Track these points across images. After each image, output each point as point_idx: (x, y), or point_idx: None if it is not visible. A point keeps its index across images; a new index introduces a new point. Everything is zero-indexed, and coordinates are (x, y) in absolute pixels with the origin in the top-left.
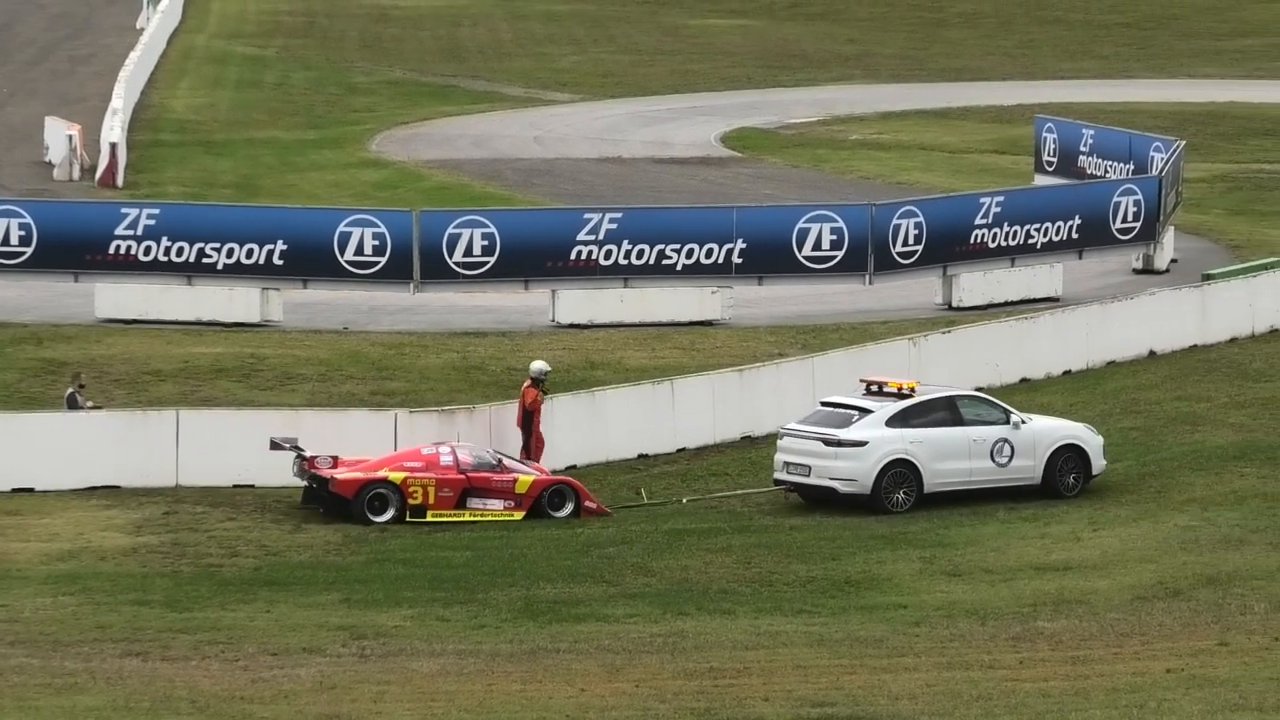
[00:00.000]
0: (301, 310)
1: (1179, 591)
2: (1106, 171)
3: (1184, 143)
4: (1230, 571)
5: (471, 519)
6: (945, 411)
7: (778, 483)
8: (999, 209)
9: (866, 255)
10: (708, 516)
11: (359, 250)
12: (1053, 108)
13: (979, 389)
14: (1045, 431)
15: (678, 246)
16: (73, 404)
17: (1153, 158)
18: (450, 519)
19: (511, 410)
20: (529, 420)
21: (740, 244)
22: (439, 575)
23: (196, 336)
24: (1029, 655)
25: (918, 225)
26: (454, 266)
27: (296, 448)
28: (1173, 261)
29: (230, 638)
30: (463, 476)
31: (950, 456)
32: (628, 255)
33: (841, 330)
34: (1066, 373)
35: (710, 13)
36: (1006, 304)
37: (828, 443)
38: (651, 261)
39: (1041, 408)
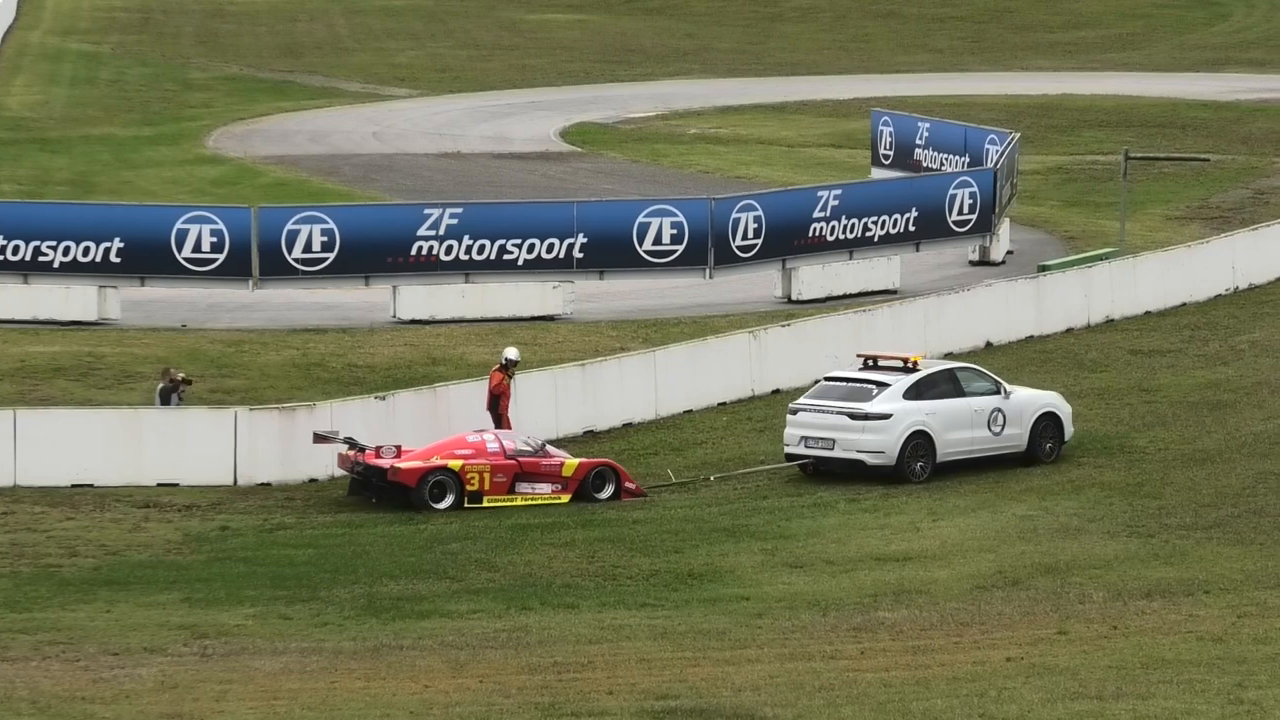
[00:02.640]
0: (139, 308)
1: (1018, 581)
2: (942, 164)
3: (1019, 135)
4: (1068, 560)
5: (523, 503)
6: (949, 383)
7: (791, 458)
8: (837, 202)
9: (706, 249)
10: (550, 512)
11: (197, 247)
12: (888, 101)
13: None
14: (1028, 400)
15: (518, 241)
16: (165, 398)
17: (988, 150)
18: (503, 504)
19: (351, 406)
20: (496, 404)
21: (581, 239)
22: (281, 573)
23: (33, 335)
24: (870, 645)
25: (757, 219)
26: (293, 263)
27: (349, 440)
28: (1009, 253)
29: (70, 638)
30: (514, 462)
31: (957, 427)
32: (468, 250)
33: (682, 324)
34: None
35: (548, 7)
36: (845, 296)
37: (854, 416)
38: (492, 257)
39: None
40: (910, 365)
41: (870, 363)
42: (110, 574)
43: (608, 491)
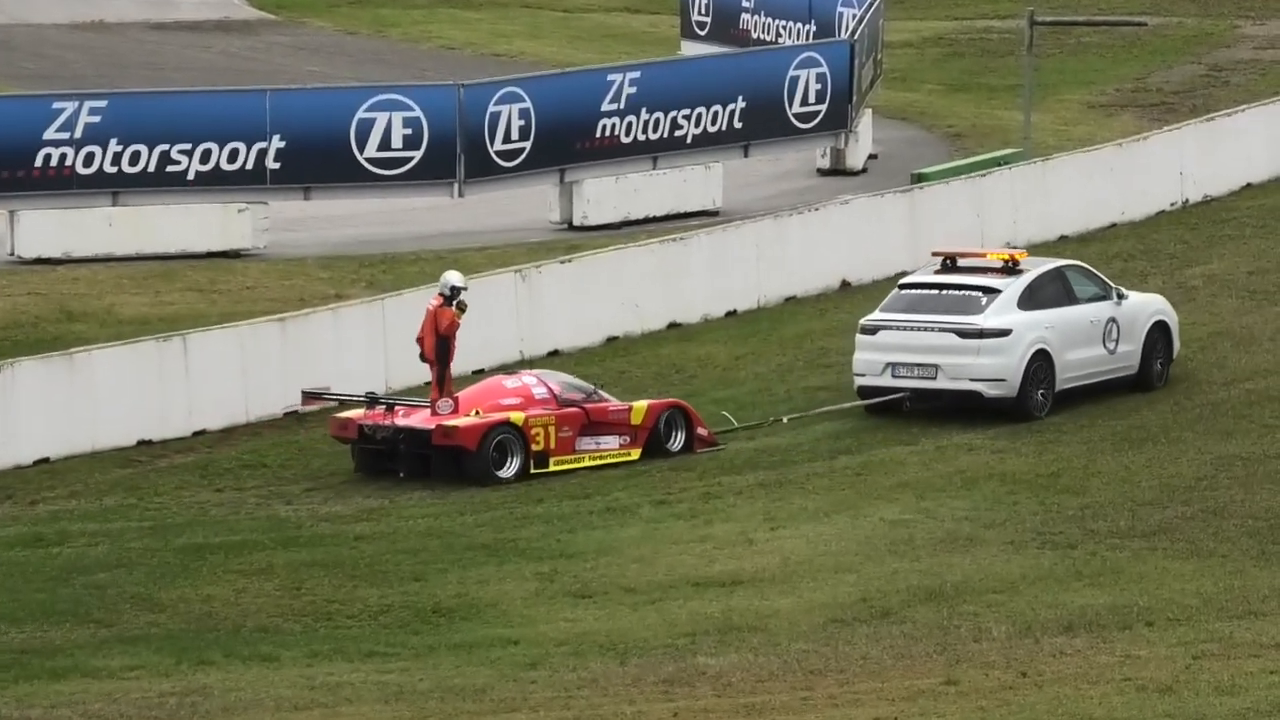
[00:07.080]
0: None
1: (889, 611)
2: (779, 35)
3: None
4: (958, 582)
5: (592, 464)
6: (1059, 287)
7: (867, 393)
8: (634, 89)
9: (454, 156)
10: (238, 526)
11: None
12: None
13: (613, 337)
14: (1140, 307)
15: (188, 147)
16: None
17: (841, 15)
18: (571, 466)
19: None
20: (444, 350)
21: (278, 143)
22: None
23: None
24: (687, 704)
25: (524, 114)
26: None
27: (371, 395)
28: (871, 157)
29: None
30: (579, 410)
31: (1076, 344)
32: (116, 160)
33: (422, 260)
34: (731, 314)
35: None
36: (648, 221)
37: (964, 334)
38: (151, 168)
39: (699, 361)
40: (1012, 264)
41: (949, 262)
42: None
43: (678, 440)
